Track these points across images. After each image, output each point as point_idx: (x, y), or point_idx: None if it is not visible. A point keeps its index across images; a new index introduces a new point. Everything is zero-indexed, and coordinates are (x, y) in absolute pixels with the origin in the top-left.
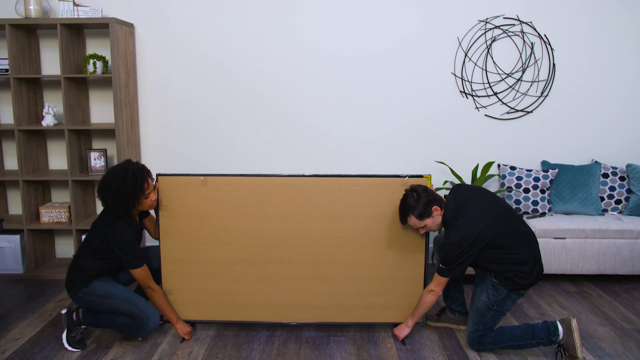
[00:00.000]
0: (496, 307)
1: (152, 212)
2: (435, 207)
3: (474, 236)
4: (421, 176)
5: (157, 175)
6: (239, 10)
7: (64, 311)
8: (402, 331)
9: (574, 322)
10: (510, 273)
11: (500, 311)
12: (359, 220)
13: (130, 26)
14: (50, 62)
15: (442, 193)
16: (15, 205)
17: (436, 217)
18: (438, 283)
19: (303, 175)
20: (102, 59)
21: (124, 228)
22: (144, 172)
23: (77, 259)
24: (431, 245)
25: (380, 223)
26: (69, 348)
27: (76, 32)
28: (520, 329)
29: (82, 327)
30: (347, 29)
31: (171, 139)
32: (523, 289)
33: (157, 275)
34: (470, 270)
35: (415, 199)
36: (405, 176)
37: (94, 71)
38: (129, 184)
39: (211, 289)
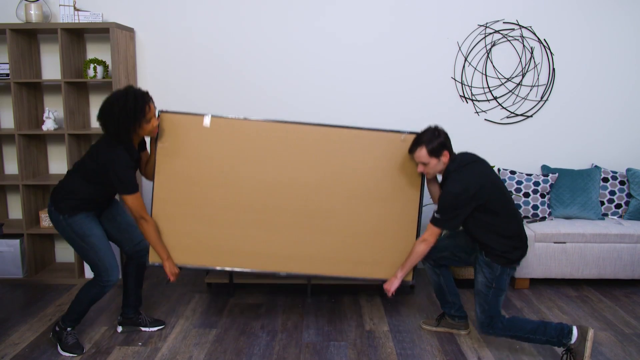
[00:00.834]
0: (495, 284)
1: (148, 149)
2: (446, 152)
3: (474, 189)
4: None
5: (160, 112)
6: (238, 14)
7: (50, 335)
8: (392, 284)
9: (590, 332)
10: (497, 247)
11: (499, 288)
12: (357, 172)
13: (130, 31)
14: (51, 66)
15: None
16: (15, 209)
17: (441, 162)
18: (432, 233)
19: (306, 123)
20: (102, 63)
21: (123, 153)
22: (146, 95)
23: (68, 178)
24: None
25: (377, 177)
26: (66, 354)
27: (77, 36)
28: (533, 323)
29: (68, 329)
30: (345, 35)
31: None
32: (513, 263)
33: (141, 271)
34: (468, 275)
35: (435, 135)
36: (405, 132)
37: (94, 76)
38: (130, 106)
39: (202, 233)
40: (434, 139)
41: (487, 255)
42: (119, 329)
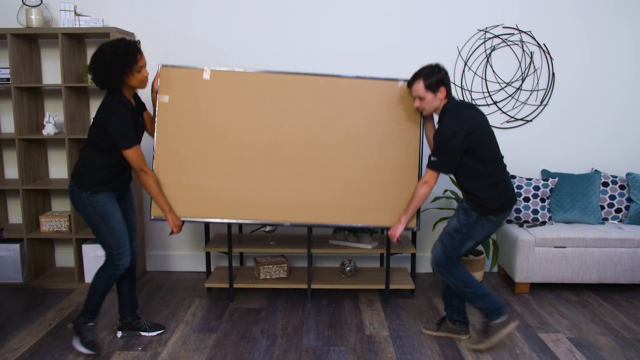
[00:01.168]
0: (465, 230)
1: (150, 111)
2: (443, 88)
3: (468, 129)
4: None
5: (161, 66)
6: (238, 19)
7: (70, 325)
8: (397, 229)
9: (512, 324)
10: (479, 195)
11: (468, 234)
12: (356, 120)
13: (130, 35)
14: (51, 71)
15: (442, 202)
16: (15, 214)
17: (437, 98)
18: (431, 175)
19: (305, 73)
20: None
21: (116, 105)
22: (138, 43)
23: (81, 154)
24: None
25: (375, 124)
26: (84, 350)
27: (77, 41)
28: (481, 289)
29: (89, 323)
30: (346, 40)
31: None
32: (491, 214)
33: (132, 272)
34: None
35: (434, 71)
36: (401, 79)
37: None
38: (122, 50)
39: (204, 185)
40: (432, 74)
41: (467, 202)
42: (119, 333)
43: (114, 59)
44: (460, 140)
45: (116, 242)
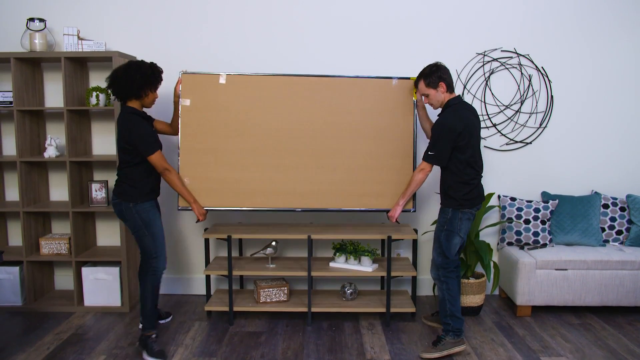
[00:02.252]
0: (446, 227)
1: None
2: (442, 83)
3: (461, 127)
4: (409, 78)
5: (182, 72)
6: (239, 40)
7: (136, 344)
8: (395, 211)
9: (461, 347)
10: (453, 190)
11: (450, 230)
12: (357, 114)
13: (132, 59)
14: (54, 94)
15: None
16: (15, 236)
17: (439, 93)
18: (426, 165)
19: (309, 75)
20: (104, 91)
21: (133, 117)
22: (160, 71)
23: (119, 173)
24: (418, 142)
25: (374, 117)
26: (152, 359)
27: (80, 65)
28: (459, 312)
29: (153, 335)
30: (348, 65)
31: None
32: (462, 207)
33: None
34: (470, 302)
35: (433, 70)
36: (395, 78)
37: (97, 103)
38: (146, 66)
39: (224, 177)
40: (431, 73)
41: (441, 201)
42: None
43: (138, 75)
44: (454, 136)
45: (155, 247)
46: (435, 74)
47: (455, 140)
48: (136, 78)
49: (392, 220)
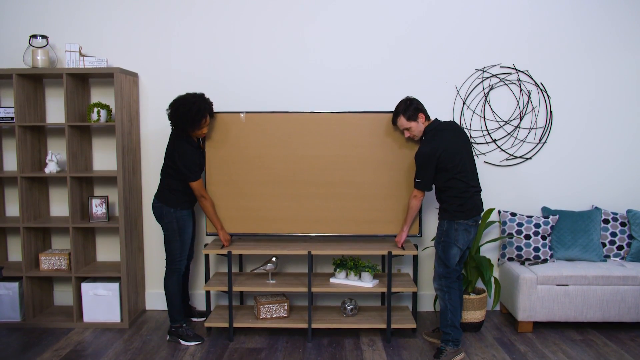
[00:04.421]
0: (443, 238)
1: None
2: (421, 114)
3: (439, 152)
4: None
5: None
6: (240, 60)
7: (167, 338)
8: (401, 236)
9: (460, 356)
10: (447, 203)
11: (447, 241)
12: (364, 147)
13: (134, 75)
14: (55, 110)
15: None
16: (15, 252)
17: (420, 124)
18: (417, 191)
19: (321, 112)
20: (106, 107)
21: (184, 144)
22: (207, 110)
23: (162, 182)
24: None
25: (382, 149)
26: (192, 343)
27: (81, 81)
28: (459, 322)
29: (184, 325)
30: (344, 77)
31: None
32: (457, 219)
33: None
34: (470, 318)
35: (408, 104)
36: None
37: (98, 119)
38: (192, 114)
39: (246, 206)
40: (408, 107)
41: (438, 216)
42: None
43: (182, 119)
44: (433, 162)
45: (180, 252)
46: (412, 107)
47: (437, 164)
48: (180, 120)
49: (398, 245)
